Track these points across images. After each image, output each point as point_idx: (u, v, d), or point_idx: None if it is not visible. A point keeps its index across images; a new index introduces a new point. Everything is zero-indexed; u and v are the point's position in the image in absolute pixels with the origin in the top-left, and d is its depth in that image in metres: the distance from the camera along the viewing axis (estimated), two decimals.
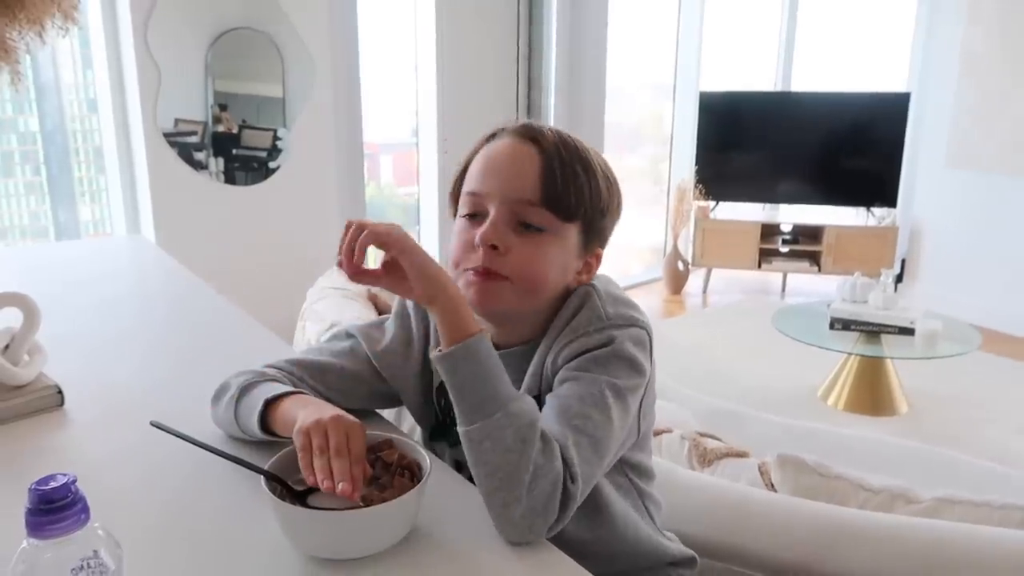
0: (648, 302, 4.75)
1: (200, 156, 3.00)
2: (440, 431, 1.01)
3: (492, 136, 0.92)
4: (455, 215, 0.93)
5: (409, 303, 1.01)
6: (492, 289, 0.87)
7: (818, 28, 5.10)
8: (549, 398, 0.86)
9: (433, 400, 1.00)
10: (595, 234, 0.93)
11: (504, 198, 0.87)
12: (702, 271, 4.94)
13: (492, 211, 0.87)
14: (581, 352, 0.86)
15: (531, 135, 0.89)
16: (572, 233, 0.90)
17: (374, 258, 0.86)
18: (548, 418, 0.83)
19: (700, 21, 4.97)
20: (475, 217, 0.89)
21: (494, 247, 0.86)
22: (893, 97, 4.57)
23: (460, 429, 0.79)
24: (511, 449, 0.76)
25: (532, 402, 0.81)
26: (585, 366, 0.86)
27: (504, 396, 0.78)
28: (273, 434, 0.88)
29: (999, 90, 4.08)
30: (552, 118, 3.96)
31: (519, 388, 0.92)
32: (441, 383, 0.98)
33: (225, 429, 0.97)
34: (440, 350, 0.80)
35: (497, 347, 0.94)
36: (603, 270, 0.99)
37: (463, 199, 0.91)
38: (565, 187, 0.87)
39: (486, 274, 0.87)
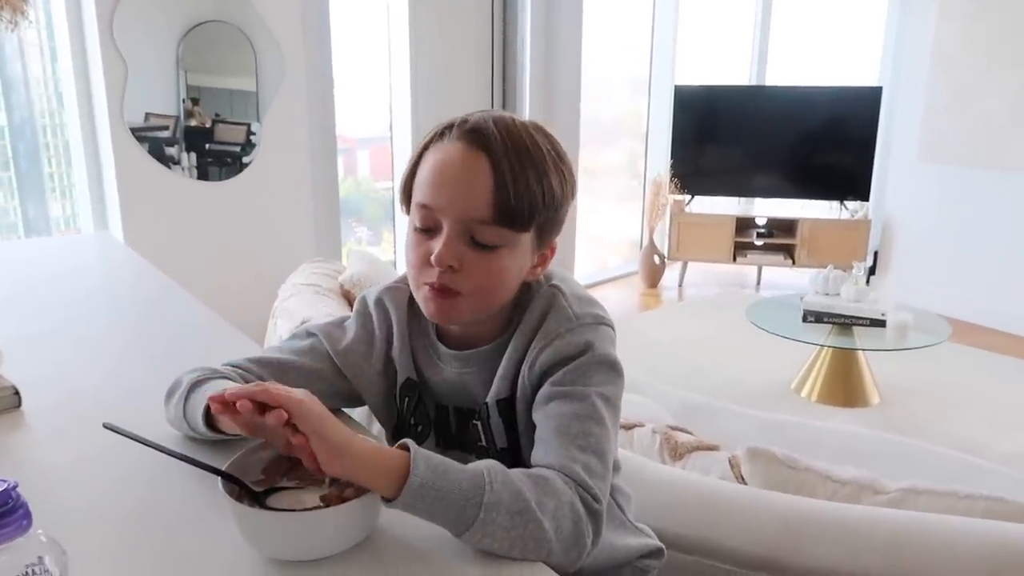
0: (624, 296, 4.76)
1: (172, 151, 2.96)
2: (403, 430, 1.00)
3: (441, 134, 0.87)
4: (407, 211, 0.91)
5: (371, 302, 1.00)
6: (449, 305, 0.87)
7: (792, 22, 5.14)
8: (540, 418, 0.86)
9: (396, 399, 1.00)
10: (550, 230, 0.91)
11: (456, 216, 0.84)
12: (678, 264, 4.96)
13: (445, 228, 0.84)
14: (559, 360, 0.86)
15: (480, 142, 0.83)
16: (526, 239, 0.88)
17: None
18: (548, 442, 0.83)
19: (675, 14, 4.99)
20: (428, 229, 0.87)
21: (450, 266, 0.85)
22: (865, 91, 4.61)
23: (459, 538, 0.75)
24: (512, 527, 0.74)
25: (497, 467, 0.76)
26: (570, 379, 0.85)
27: (473, 496, 0.73)
28: (220, 432, 0.88)
29: (969, 84, 4.13)
30: (528, 112, 3.95)
31: (488, 390, 0.92)
32: (405, 381, 0.98)
33: (176, 427, 0.96)
34: (388, 501, 0.74)
35: (462, 347, 0.94)
36: (582, 265, 0.99)
37: (415, 210, 0.88)
38: (518, 201, 0.83)
39: (443, 291, 0.86)
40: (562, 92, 4.08)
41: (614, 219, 5.42)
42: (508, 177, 0.83)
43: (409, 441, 0.75)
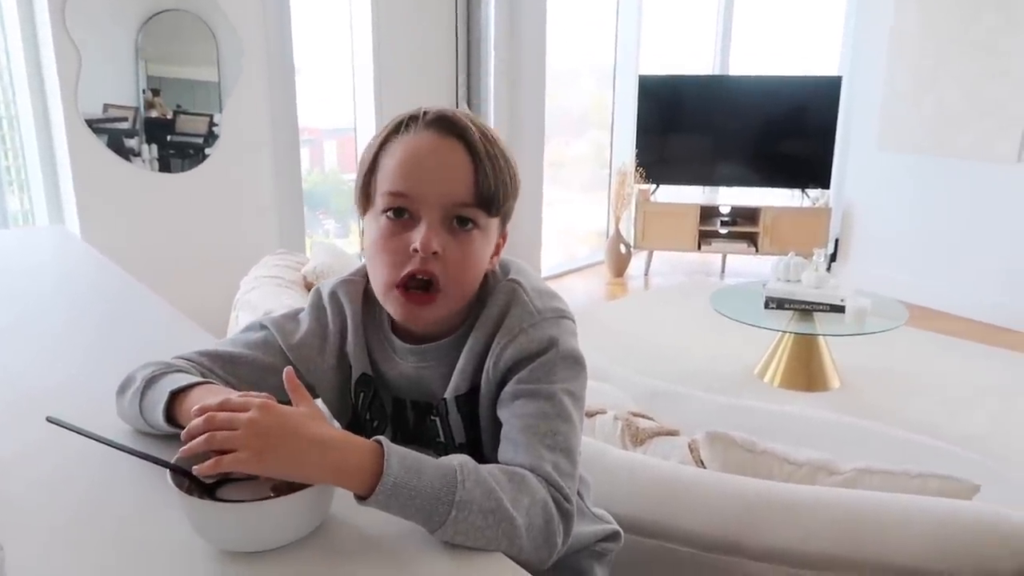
0: (591, 285, 4.79)
1: (132, 143, 2.91)
2: (358, 426, 0.99)
3: (404, 126, 0.86)
4: (364, 212, 0.89)
5: (324, 295, 0.98)
6: (425, 311, 0.86)
7: (754, 12, 5.19)
8: (507, 416, 0.86)
9: (351, 394, 0.99)
10: (507, 217, 0.92)
11: (439, 202, 0.84)
12: (644, 253, 5.00)
13: (426, 216, 0.84)
14: (524, 357, 0.86)
15: (454, 130, 0.84)
16: (494, 225, 0.90)
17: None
18: (515, 441, 0.83)
19: (639, 5, 5.00)
20: (400, 215, 0.85)
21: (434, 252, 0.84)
22: (825, 81, 4.67)
23: (432, 534, 0.75)
24: (485, 527, 0.74)
25: (470, 464, 0.77)
26: (536, 376, 0.85)
27: (445, 495, 0.73)
28: (180, 427, 0.86)
29: (925, 73, 4.21)
30: (492, 103, 3.94)
31: (447, 384, 0.91)
32: (360, 376, 0.97)
33: (131, 423, 0.95)
34: (360, 498, 0.74)
35: (419, 341, 0.93)
36: (549, 256, 0.98)
37: (385, 199, 0.85)
38: (496, 185, 0.85)
39: (417, 294, 0.85)
40: (527, 83, 4.08)
41: (581, 210, 5.44)
42: (486, 161, 0.84)
43: (382, 438, 0.75)
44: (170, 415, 0.86)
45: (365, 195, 0.89)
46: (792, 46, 5.17)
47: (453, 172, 0.84)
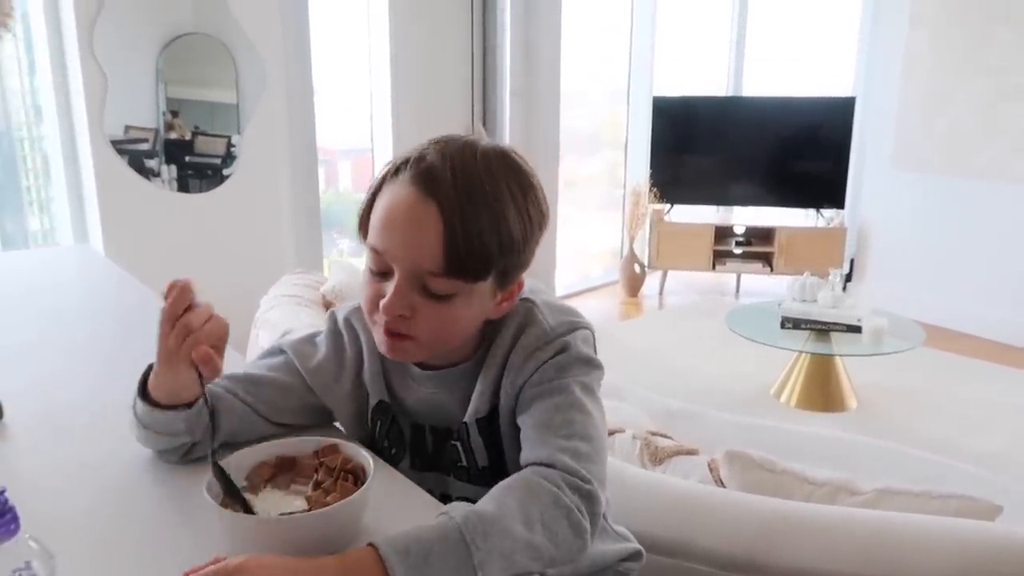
0: (606, 305, 4.79)
1: (152, 164, 2.95)
2: (376, 453, 0.99)
3: (397, 170, 0.83)
4: (365, 239, 0.87)
5: (341, 320, 0.99)
6: (402, 347, 0.85)
7: (767, 34, 5.21)
8: (525, 419, 0.86)
9: (368, 420, 0.99)
10: (513, 271, 0.87)
11: (406, 266, 0.81)
12: (658, 273, 5.00)
13: (396, 275, 0.81)
14: (537, 368, 0.87)
15: (431, 189, 0.79)
16: (484, 286, 0.84)
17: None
18: (531, 439, 0.83)
19: (652, 26, 5.04)
20: (382, 273, 0.84)
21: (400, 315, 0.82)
22: (839, 101, 4.68)
23: None
24: (510, 566, 0.70)
25: (468, 516, 0.70)
26: (547, 376, 0.86)
27: (462, 564, 0.68)
28: (156, 405, 0.88)
29: (939, 93, 4.21)
30: (507, 122, 3.98)
31: (466, 408, 0.91)
32: (378, 404, 0.97)
33: (138, 430, 0.92)
34: None
35: (434, 368, 0.93)
36: (563, 275, 0.97)
37: (368, 251, 0.84)
38: (471, 253, 0.79)
39: (396, 337, 0.84)
40: (542, 103, 4.11)
41: (595, 229, 5.45)
42: (459, 228, 0.78)
43: (374, 541, 0.68)
44: (145, 392, 0.90)
45: (364, 228, 0.86)
46: (805, 67, 5.19)
47: (422, 238, 0.79)
